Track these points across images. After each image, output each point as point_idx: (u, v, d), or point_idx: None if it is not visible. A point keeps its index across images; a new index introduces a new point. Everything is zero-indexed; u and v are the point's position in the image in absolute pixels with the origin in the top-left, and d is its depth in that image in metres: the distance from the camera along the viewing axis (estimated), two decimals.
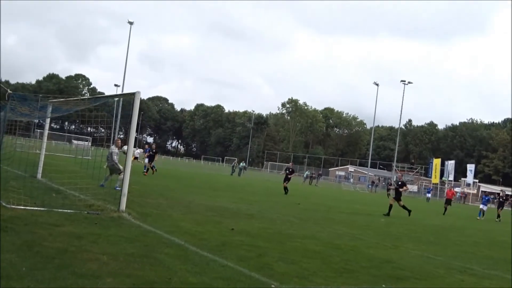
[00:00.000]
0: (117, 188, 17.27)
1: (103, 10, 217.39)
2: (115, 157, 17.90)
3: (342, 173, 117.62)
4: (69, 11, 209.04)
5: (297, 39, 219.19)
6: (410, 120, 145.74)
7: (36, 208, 10.85)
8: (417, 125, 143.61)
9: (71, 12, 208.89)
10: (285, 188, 31.04)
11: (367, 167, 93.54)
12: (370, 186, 74.23)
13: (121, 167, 17.21)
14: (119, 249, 7.99)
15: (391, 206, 24.13)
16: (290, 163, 31.89)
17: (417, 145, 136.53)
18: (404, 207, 24.55)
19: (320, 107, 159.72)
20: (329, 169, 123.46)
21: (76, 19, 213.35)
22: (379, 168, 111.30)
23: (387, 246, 12.97)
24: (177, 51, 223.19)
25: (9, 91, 11.44)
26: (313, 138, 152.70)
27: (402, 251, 12.40)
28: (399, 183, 25.56)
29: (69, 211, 11.13)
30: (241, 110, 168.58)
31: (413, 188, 74.58)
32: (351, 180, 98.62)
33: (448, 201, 35.95)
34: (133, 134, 11.83)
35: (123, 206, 11.85)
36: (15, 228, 8.56)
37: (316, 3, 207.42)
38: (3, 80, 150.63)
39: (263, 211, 18.04)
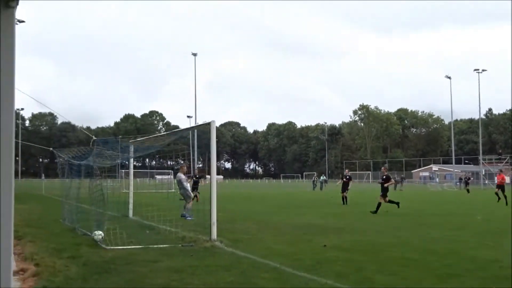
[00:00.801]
0: (186, 217, 17.72)
1: (166, 48, 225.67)
2: (185, 183, 18.23)
3: (426, 174, 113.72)
4: (135, 52, 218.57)
5: (357, 43, 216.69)
6: (490, 109, 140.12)
7: (133, 247, 11.23)
8: (498, 113, 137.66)
9: (138, 53, 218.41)
10: (344, 198, 28.94)
11: (451, 164, 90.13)
12: (458, 183, 71.37)
13: (192, 194, 17.46)
14: (218, 279, 8.07)
15: (379, 204, 22.57)
16: (346, 170, 30.32)
17: (502, 134, 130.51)
18: (391, 201, 22.99)
19: (393, 109, 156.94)
20: (412, 171, 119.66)
21: (143, 59, 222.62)
22: (465, 163, 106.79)
23: (489, 245, 12.34)
24: (242, 74, 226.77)
25: (93, 138, 12.00)
26: (390, 141, 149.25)
27: (507, 249, 11.67)
28: (384, 177, 23.63)
29: (164, 246, 11.44)
30: (313, 123, 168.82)
31: (507, 179, 70.72)
32: (437, 179, 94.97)
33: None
34: (214, 162, 12.02)
35: (214, 235, 12.03)
36: (117, 268, 8.87)
37: (371, 3, 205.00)
38: (84, 126, 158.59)
39: (351, 223, 17.76)
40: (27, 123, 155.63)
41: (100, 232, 11.97)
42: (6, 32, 2.73)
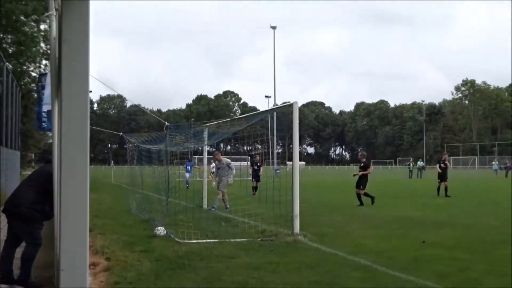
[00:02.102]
0: (212, 209, 17.76)
1: (241, 21, 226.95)
2: (225, 172, 18.20)
3: None
4: (207, 26, 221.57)
5: (460, 9, 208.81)
6: None
7: (209, 241, 11.47)
8: None
9: (210, 28, 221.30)
10: (443, 189, 26.81)
11: None
12: None
13: (226, 183, 17.44)
14: (301, 278, 8.10)
15: (358, 195, 21.29)
16: (445, 155, 28.12)
17: None
18: (366, 194, 21.46)
19: (503, 84, 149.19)
20: None
21: (217, 34, 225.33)
22: None
23: None
24: (326, 49, 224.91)
25: (166, 123, 12.25)
26: (501, 121, 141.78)
27: None
28: (362, 165, 22.26)
29: (241, 240, 11.61)
30: (409, 102, 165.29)
31: None
32: None
33: None
34: (296, 147, 12.02)
35: (297, 228, 12.03)
36: (191, 264, 9.12)
37: None
38: (155, 109, 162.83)
39: (454, 216, 17.27)
40: (95, 106, 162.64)
41: (163, 228, 12.15)
42: (81, 21, 2.94)
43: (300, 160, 15.44)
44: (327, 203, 22.35)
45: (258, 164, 27.20)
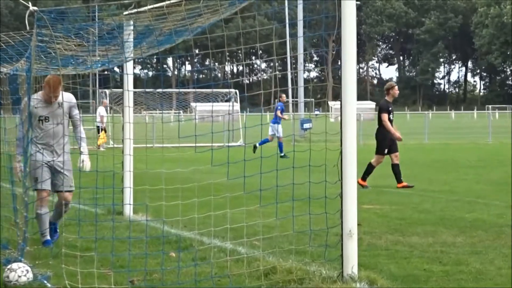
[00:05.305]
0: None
1: None
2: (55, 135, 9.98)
3: None
4: None
5: None
6: None
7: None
8: None
9: None
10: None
11: None
12: None
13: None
14: None
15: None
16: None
17: None
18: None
19: None
20: None
21: None
22: None
23: None
24: None
25: (31, 7, 6.97)
26: None
27: None
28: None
29: None
30: None
31: None
32: None
33: None
34: (352, 63, 6.32)
35: (351, 264, 6.61)
36: None
37: None
38: None
39: None
40: None
41: (24, 268, 7.33)
42: None
43: (361, 98, 9.28)
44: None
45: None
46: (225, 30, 9.69)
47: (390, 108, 15.85)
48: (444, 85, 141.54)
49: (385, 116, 15.61)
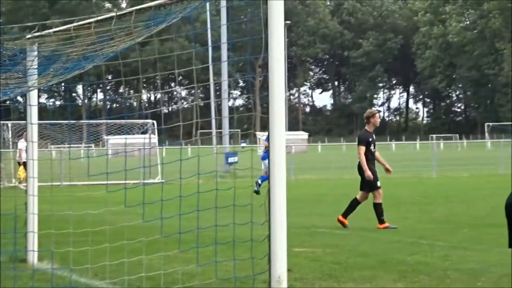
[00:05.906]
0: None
1: None
2: None
3: None
4: None
5: None
6: None
7: None
8: None
9: None
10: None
11: None
12: None
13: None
14: None
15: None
16: None
17: None
18: None
19: None
20: None
21: None
22: None
23: None
24: None
25: None
26: None
27: None
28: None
29: None
30: None
31: None
32: None
33: None
34: (280, 81, 5.73)
35: None
36: None
37: None
38: None
39: None
40: None
41: None
42: None
43: (292, 128, 8.74)
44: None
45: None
46: (140, 54, 9.15)
47: (370, 139, 15.04)
48: (384, 112, 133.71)
49: (361, 149, 14.84)
